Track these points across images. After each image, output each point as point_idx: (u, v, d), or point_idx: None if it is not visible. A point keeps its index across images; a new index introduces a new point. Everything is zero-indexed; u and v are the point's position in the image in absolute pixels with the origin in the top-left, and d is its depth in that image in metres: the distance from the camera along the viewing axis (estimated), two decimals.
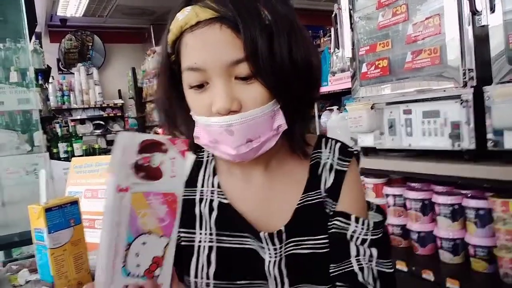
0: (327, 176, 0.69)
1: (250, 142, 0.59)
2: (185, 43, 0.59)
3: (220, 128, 0.58)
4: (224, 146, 0.60)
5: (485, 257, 1.45)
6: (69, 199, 0.92)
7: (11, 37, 2.71)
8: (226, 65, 0.56)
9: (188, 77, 0.60)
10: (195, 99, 0.61)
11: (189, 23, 0.57)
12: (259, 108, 0.58)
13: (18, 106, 2.58)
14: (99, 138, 6.09)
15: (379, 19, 1.80)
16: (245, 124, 0.57)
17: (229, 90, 0.57)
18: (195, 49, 0.58)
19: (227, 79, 0.57)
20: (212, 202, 0.68)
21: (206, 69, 0.57)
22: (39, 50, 4.17)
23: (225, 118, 0.57)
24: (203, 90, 0.59)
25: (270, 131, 0.60)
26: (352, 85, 2.01)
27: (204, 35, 0.56)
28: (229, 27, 0.55)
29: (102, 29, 6.52)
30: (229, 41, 0.55)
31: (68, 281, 0.87)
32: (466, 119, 1.43)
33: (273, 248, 0.64)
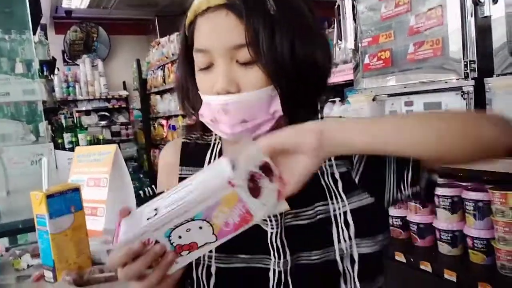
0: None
1: (244, 123, 0.62)
2: (197, 26, 0.64)
3: (217, 106, 0.62)
4: (221, 124, 0.64)
5: (483, 249, 1.45)
6: (71, 186, 0.94)
7: (17, 29, 2.73)
8: (229, 48, 0.60)
9: (196, 58, 0.65)
10: (202, 79, 0.65)
11: (201, 7, 0.62)
12: (255, 91, 0.61)
13: (24, 97, 2.61)
14: (103, 129, 6.13)
15: (382, 10, 1.79)
16: (240, 104, 0.61)
17: (229, 72, 0.61)
18: (204, 32, 0.63)
19: (228, 62, 0.62)
20: None
21: (211, 50, 0.62)
22: (44, 41, 4.20)
23: (222, 97, 0.62)
24: (209, 71, 0.64)
25: (266, 114, 0.63)
26: (355, 77, 2.01)
27: (212, 19, 0.61)
28: (234, 14, 0.59)
29: (107, 20, 6.53)
30: (233, 26, 0.60)
31: (69, 265, 0.89)
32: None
33: (275, 219, 0.67)
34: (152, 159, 5.72)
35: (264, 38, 0.59)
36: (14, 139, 2.59)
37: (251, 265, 0.67)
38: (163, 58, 5.05)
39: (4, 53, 2.70)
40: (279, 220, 0.67)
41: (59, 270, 0.88)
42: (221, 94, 0.62)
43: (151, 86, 5.57)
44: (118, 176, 1.36)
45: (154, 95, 5.53)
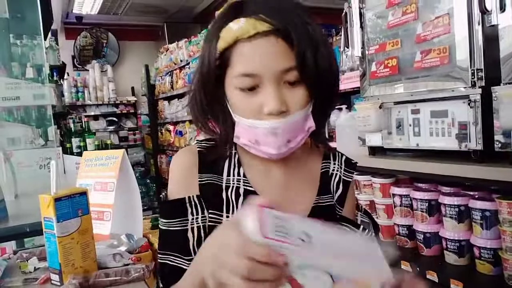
0: (335, 186, 0.81)
1: (288, 142, 0.68)
2: (239, 51, 0.65)
3: (265, 130, 0.66)
4: (265, 146, 0.68)
5: (490, 259, 1.44)
6: (78, 190, 0.95)
7: (28, 34, 2.77)
8: (279, 72, 0.65)
9: (241, 82, 0.66)
10: (243, 101, 0.67)
11: (247, 33, 0.64)
12: (301, 111, 0.67)
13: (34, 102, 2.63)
14: (111, 134, 6.18)
15: (389, 18, 1.80)
16: (288, 127, 0.67)
17: (280, 94, 0.65)
18: (252, 57, 0.65)
19: (278, 84, 0.65)
20: (238, 189, 0.75)
21: (261, 75, 0.65)
22: (54, 47, 4.26)
23: (271, 122, 0.66)
24: (253, 93, 0.66)
25: (303, 132, 0.70)
26: (361, 84, 2.01)
27: (261, 45, 0.64)
28: (283, 39, 0.64)
29: (116, 26, 6.60)
30: (283, 51, 0.64)
31: (75, 269, 0.90)
32: (474, 120, 1.42)
33: None
34: (159, 164, 5.75)
35: (311, 60, 0.64)
36: (23, 143, 2.62)
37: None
38: (171, 64, 5.09)
39: (15, 58, 2.74)
40: None
41: (65, 274, 0.89)
42: (273, 114, 0.65)
43: (159, 92, 5.61)
44: (125, 180, 1.37)
45: (162, 101, 5.57)
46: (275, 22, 0.63)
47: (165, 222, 0.73)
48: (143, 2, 5.62)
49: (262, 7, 0.65)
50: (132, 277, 0.91)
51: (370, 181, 1.97)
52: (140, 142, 6.50)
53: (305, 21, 0.66)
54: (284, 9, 0.66)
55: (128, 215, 1.34)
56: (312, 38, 0.65)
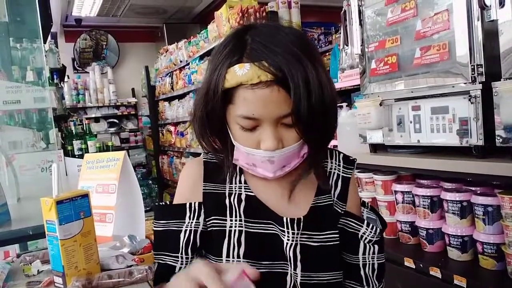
0: (334, 183, 0.84)
1: (284, 167, 0.76)
2: (242, 96, 0.70)
3: (263, 158, 0.74)
4: (262, 170, 0.76)
5: (493, 254, 1.44)
6: (80, 192, 0.95)
7: (28, 37, 2.77)
8: (278, 116, 0.71)
9: (242, 122, 0.73)
10: (243, 136, 0.75)
11: (251, 81, 0.68)
12: (295, 144, 0.74)
13: (34, 105, 2.64)
14: (113, 136, 6.19)
15: (388, 15, 1.79)
16: (283, 156, 0.74)
17: (276, 134, 0.72)
18: (254, 104, 0.70)
19: (274, 125, 0.72)
20: (240, 195, 0.82)
21: (262, 119, 0.71)
22: (54, 49, 4.26)
23: (270, 152, 0.73)
24: (253, 131, 0.73)
25: (298, 158, 0.77)
26: (361, 82, 2.01)
27: (264, 93, 0.69)
28: (284, 89, 0.68)
29: (116, 28, 6.61)
30: (283, 100, 0.69)
31: (78, 271, 0.90)
32: (475, 115, 1.42)
33: (292, 232, 0.77)
34: (161, 165, 5.75)
35: (305, 108, 0.68)
36: (24, 146, 2.62)
37: (272, 271, 0.77)
38: (171, 65, 5.10)
39: (15, 62, 2.75)
40: (295, 235, 0.78)
41: (69, 276, 0.89)
42: (269, 150, 0.72)
43: (159, 93, 5.61)
44: (127, 182, 1.37)
45: (162, 102, 5.57)
46: (276, 71, 0.67)
47: (163, 223, 0.81)
48: (142, 3, 5.63)
49: (265, 52, 0.69)
50: (135, 278, 0.91)
51: (372, 178, 1.97)
52: (141, 143, 6.51)
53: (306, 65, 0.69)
54: (286, 53, 0.68)
55: (130, 217, 1.34)
56: (309, 83, 0.69)
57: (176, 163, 5.08)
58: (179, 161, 4.96)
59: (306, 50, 0.71)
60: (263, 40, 0.70)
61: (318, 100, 0.70)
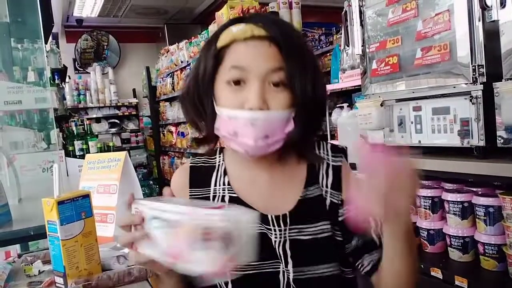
0: (325, 173, 0.81)
1: (266, 138, 0.71)
2: (234, 49, 0.72)
3: (245, 121, 0.70)
4: (243, 138, 0.71)
5: (494, 255, 1.43)
6: (81, 193, 0.95)
7: (29, 38, 2.78)
8: (266, 70, 0.70)
9: (229, 73, 0.72)
10: (228, 94, 0.72)
11: (245, 35, 0.71)
12: (281, 111, 0.71)
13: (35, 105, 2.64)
14: (114, 136, 6.20)
15: (389, 16, 1.79)
16: (267, 121, 0.70)
17: (263, 92, 0.70)
18: (245, 55, 0.71)
19: (262, 83, 0.70)
20: (223, 197, 0.80)
21: (249, 70, 0.70)
22: (55, 50, 4.27)
23: (253, 112, 0.69)
24: (238, 88, 0.72)
25: (282, 133, 0.73)
26: (362, 82, 2.01)
27: (256, 46, 0.71)
28: (275, 46, 0.71)
29: (117, 29, 6.62)
30: (274, 54, 0.71)
31: (79, 271, 0.90)
32: (476, 116, 1.42)
33: (278, 229, 0.76)
34: (162, 166, 5.76)
35: (298, 66, 0.70)
36: (26, 147, 2.63)
37: (263, 270, 0.75)
38: (172, 65, 5.10)
39: (16, 62, 2.75)
40: (282, 232, 0.76)
41: (70, 276, 0.89)
42: (253, 110, 0.69)
43: (160, 93, 5.61)
44: (128, 182, 1.37)
45: (163, 102, 5.57)
46: (271, 31, 0.71)
47: None
48: (143, 4, 5.63)
49: (263, 20, 0.73)
50: (134, 277, 0.91)
51: None
52: (142, 143, 6.51)
53: (301, 41, 0.75)
54: (283, 25, 0.75)
55: None
56: (303, 54, 0.73)
57: (177, 164, 5.08)
58: (180, 162, 4.96)
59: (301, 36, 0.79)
60: (261, 15, 0.79)
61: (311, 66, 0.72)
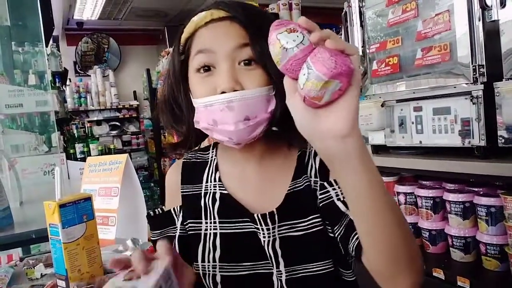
0: (312, 161, 0.74)
1: (247, 120, 0.65)
2: (198, 36, 0.69)
3: (221, 105, 0.64)
4: (223, 125, 0.65)
5: (496, 255, 1.43)
6: (83, 196, 0.95)
7: (30, 41, 2.79)
8: (232, 48, 0.66)
9: (197, 60, 0.68)
10: (200, 83, 0.68)
11: (204, 20, 0.68)
12: (257, 89, 0.65)
13: (36, 108, 2.65)
14: (114, 138, 6.19)
15: (389, 16, 1.79)
16: (244, 101, 0.64)
17: (233, 72, 0.65)
18: (207, 37, 0.67)
19: (231, 63, 0.66)
20: (215, 194, 0.77)
21: (214, 51, 0.66)
22: (56, 53, 4.28)
23: (227, 94, 0.64)
24: (209, 74, 0.67)
25: (265, 113, 0.66)
26: (363, 83, 2.01)
27: (216, 27, 0.67)
28: (237, 23, 0.66)
29: (117, 31, 6.62)
30: (236, 31, 0.66)
31: (81, 274, 0.90)
32: (477, 116, 1.42)
33: (266, 228, 0.71)
34: (163, 168, 5.75)
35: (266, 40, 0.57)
36: (27, 150, 2.63)
37: (256, 271, 0.72)
38: None
39: (17, 65, 2.76)
40: (271, 230, 0.71)
41: (72, 279, 0.89)
42: (226, 92, 0.64)
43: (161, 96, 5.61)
44: (129, 185, 1.37)
45: None
46: (232, 10, 0.67)
47: (158, 232, 0.81)
48: (143, 6, 5.64)
49: (223, 4, 0.69)
50: None
51: None
52: (143, 146, 6.51)
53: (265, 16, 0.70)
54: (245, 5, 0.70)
55: (133, 220, 1.35)
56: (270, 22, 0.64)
57: None
58: None
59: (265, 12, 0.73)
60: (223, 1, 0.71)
61: None
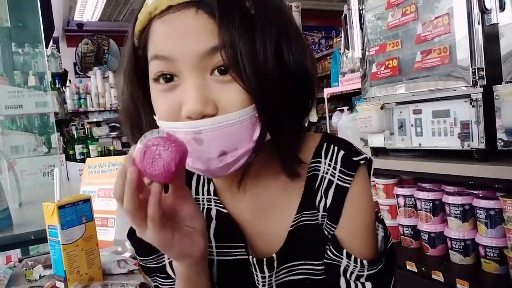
0: (324, 194, 0.57)
1: (224, 156, 0.48)
2: (153, 30, 0.49)
3: (186, 136, 0.47)
4: (191, 159, 0.49)
5: (495, 258, 1.43)
6: (82, 197, 0.95)
7: (30, 42, 2.79)
8: (200, 54, 0.46)
9: (154, 67, 0.49)
10: (160, 99, 0.50)
11: (159, 8, 0.48)
12: (236, 112, 0.47)
13: (36, 109, 2.64)
14: (114, 140, 6.19)
15: (389, 19, 1.80)
16: (218, 131, 0.46)
17: (203, 89, 0.47)
18: (164, 36, 0.48)
19: (200, 75, 0.47)
20: (210, 211, 0.61)
21: (175, 59, 0.47)
22: (56, 54, 4.28)
23: (193, 123, 0.47)
24: (171, 87, 0.49)
25: (249, 142, 0.49)
26: (362, 86, 2.01)
27: (175, 20, 0.47)
28: (205, 13, 0.46)
29: (117, 33, 6.62)
30: (205, 27, 0.46)
31: (80, 276, 0.90)
32: (476, 119, 1.42)
33: (261, 276, 0.57)
34: None
35: (242, 41, 0.45)
36: (26, 151, 2.63)
37: None
38: None
39: (17, 67, 2.76)
40: (267, 278, 0.57)
41: (71, 281, 0.89)
42: (193, 118, 0.46)
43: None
44: None
45: None
46: None
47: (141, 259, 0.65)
48: None
49: None
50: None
51: (374, 182, 1.97)
52: None
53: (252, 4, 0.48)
54: None
55: None
56: (251, 15, 0.47)
57: None
58: None
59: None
60: None
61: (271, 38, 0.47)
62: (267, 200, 0.59)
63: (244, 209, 0.60)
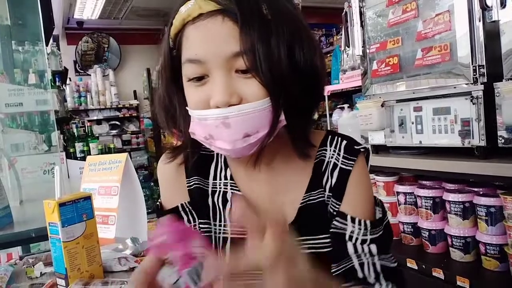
0: (330, 175, 0.67)
1: (247, 137, 0.58)
2: (186, 35, 0.59)
3: (216, 121, 0.57)
4: (219, 141, 0.59)
5: (496, 255, 1.43)
6: (82, 195, 0.95)
7: (30, 40, 2.79)
8: (226, 57, 0.56)
9: (187, 70, 0.59)
10: (193, 93, 0.60)
11: (192, 15, 0.57)
12: (258, 102, 0.56)
13: (36, 107, 2.64)
14: (114, 138, 6.20)
15: (389, 17, 1.80)
16: (242, 116, 0.56)
17: (229, 83, 0.56)
18: (196, 41, 0.57)
19: (227, 72, 0.57)
20: (226, 194, 0.69)
21: (206, 61, 0.57)
22: (56, 52, 4.27)
23: (221, 110, 0.56)
24: (202, 83, 0.59)
25: (268, 126, 0.58)
26: (363, 83, 2.01)
27: (206, 27, 0.56)
28: (231, 20, 0.55)
29: (117, 31, 6.62)
30: (230, 33, 0.55)
31: (81, 273, 0.90)
32: (477, 116, 1.42)
33: None
34: None
35: (261, 45, 0.54)
36: (27, 149, 2.63)
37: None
38: None
39: (17, 65, 2.76)
40: None
41: (72, 278, 0.89)
42: (221, 107, 0.56)
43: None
44: (129, 184, 1.37)
45: None
46: (222, 1, 0.56)
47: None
48: (144, 5, 5.63)
49: None
50: None
51: (374, 179, 1.97)
52: (143, 145, 6.51)
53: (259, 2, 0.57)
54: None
55: (132, 219, 1.35)
56: (267, 21, 0.56)
57: None
58: None
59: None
60: None
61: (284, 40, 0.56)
62: (279, 181, 0.68)
63: (257, 191, 0.69)
